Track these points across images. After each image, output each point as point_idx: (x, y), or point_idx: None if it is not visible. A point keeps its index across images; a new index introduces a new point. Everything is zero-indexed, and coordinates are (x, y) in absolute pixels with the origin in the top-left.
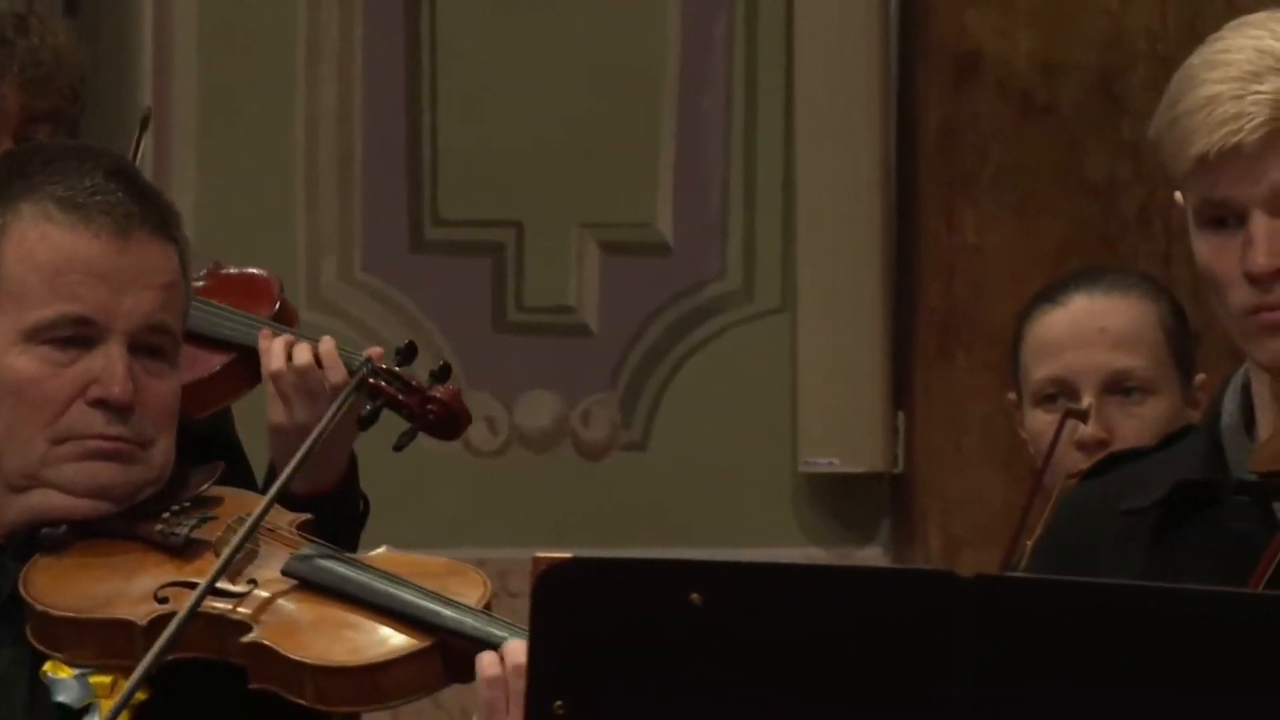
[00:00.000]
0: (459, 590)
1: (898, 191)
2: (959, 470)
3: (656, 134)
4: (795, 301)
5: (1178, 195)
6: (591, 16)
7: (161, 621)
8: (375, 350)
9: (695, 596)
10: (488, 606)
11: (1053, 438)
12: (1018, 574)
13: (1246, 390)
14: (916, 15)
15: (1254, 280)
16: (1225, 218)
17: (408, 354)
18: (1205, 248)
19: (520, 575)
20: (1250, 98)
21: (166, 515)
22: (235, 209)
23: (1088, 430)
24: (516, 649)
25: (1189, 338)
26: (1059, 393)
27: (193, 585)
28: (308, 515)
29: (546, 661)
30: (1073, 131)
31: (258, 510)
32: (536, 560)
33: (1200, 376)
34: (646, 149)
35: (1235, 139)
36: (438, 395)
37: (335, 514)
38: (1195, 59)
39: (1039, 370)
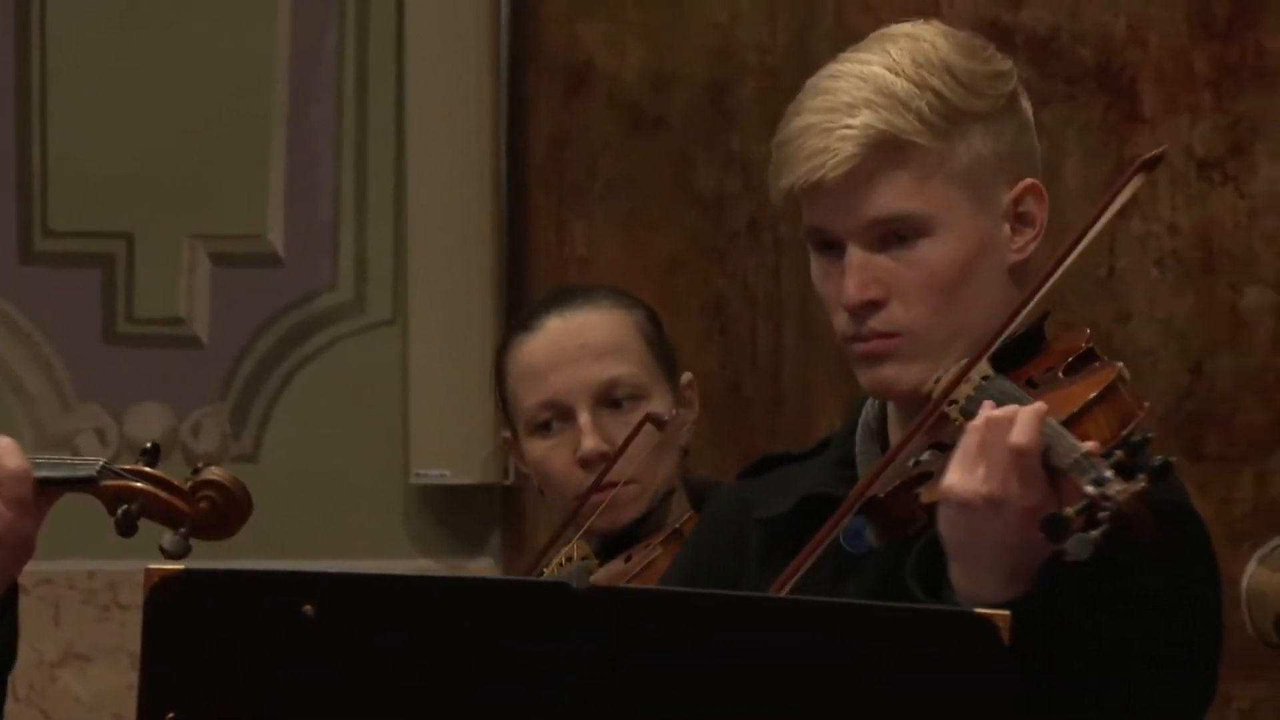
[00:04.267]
0: None
1: (509, 204)
2: None
3: (267, 145)
4: (406, 313)
5: None
6: (201, 26)
7: None
8: None
9: (308, 607)
10: None
11: (626, 440)
12: (631, 586)
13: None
14: (527, 26)
15: (848, 310)
16: (831, 242)
17: None
18: (815, 269)
19: (131, 587)
20: (839, 132)
21: None
22: None
23: (588, 445)
24: None
25: (667, 340)
26: (553, 417)
27: None
28: None
29: (159, 673)
30: (683, 144)
31: None
32: (149, 572)
33: (687, 375)
34: (257, 160)
35: (818, 175)
36: None
37: None
38: (810, 81)
39: (529, 398)
